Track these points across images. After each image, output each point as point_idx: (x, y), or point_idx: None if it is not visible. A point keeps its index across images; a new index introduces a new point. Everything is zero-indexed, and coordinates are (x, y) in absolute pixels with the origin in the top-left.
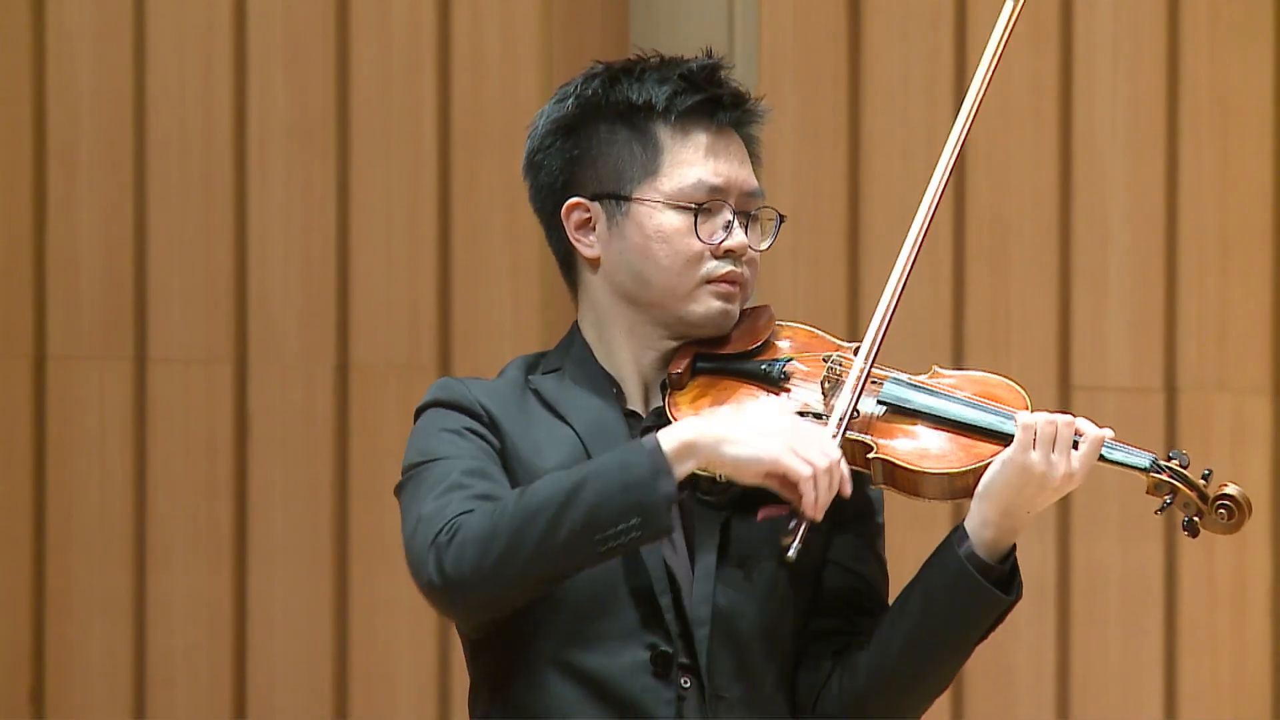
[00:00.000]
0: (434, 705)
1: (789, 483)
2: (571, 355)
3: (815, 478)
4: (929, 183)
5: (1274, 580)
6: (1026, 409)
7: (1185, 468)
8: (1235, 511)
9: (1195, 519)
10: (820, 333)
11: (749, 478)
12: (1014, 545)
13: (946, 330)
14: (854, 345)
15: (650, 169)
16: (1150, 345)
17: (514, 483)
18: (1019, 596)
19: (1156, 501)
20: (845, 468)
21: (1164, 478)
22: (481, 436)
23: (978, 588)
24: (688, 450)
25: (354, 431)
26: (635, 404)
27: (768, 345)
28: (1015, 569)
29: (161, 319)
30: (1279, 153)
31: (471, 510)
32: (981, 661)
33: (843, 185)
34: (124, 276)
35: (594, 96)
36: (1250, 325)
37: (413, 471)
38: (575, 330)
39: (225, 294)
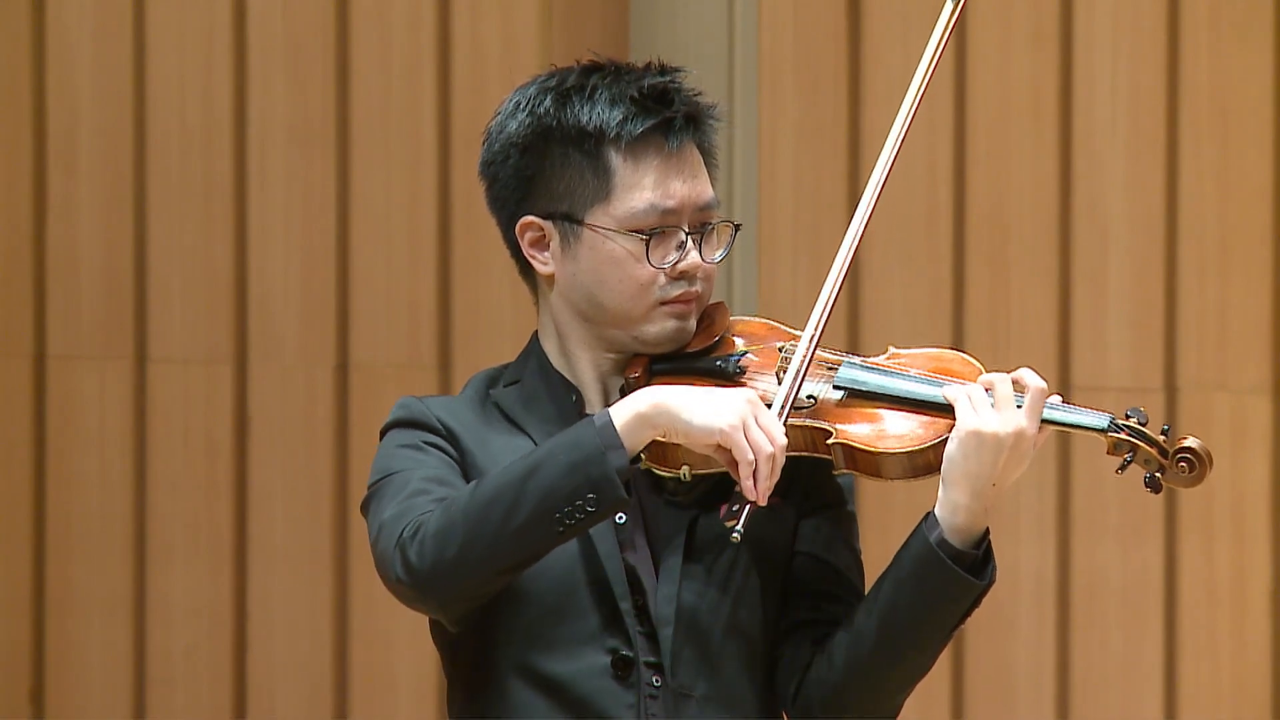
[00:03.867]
0: (434, 705)
1: (734, 461)
2: (530, 366)
3: (757, 463)
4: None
5: (1274, 580)
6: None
7: (1144, 425)
8: (1196, 464)
9: (1157, 474)
10: (776, 324)
11: (700, 447)
12: (987, 530)
13: (946, 330)
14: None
15: (602, 194)
16: (1150, 345)
17: None
18: (992, 581)
19: (1118, 462)
20: (784, 455)
21: (1123, 436)
22: (441, 449)
23: (949, 574)
24: (642, 421)
25: (354, 431)
26: (595, 410)
27: (723, 341)
28: (989, 553)
29: (161, 319)
30: (1279, 153)
31: (432, 510)
32: (981, 661)
33: (843, 185)
34: (124, 276)
35: (546, 116)
36: (1250, 325)
37: (375, 487)
38: (534, 340)
39: (225, 294)
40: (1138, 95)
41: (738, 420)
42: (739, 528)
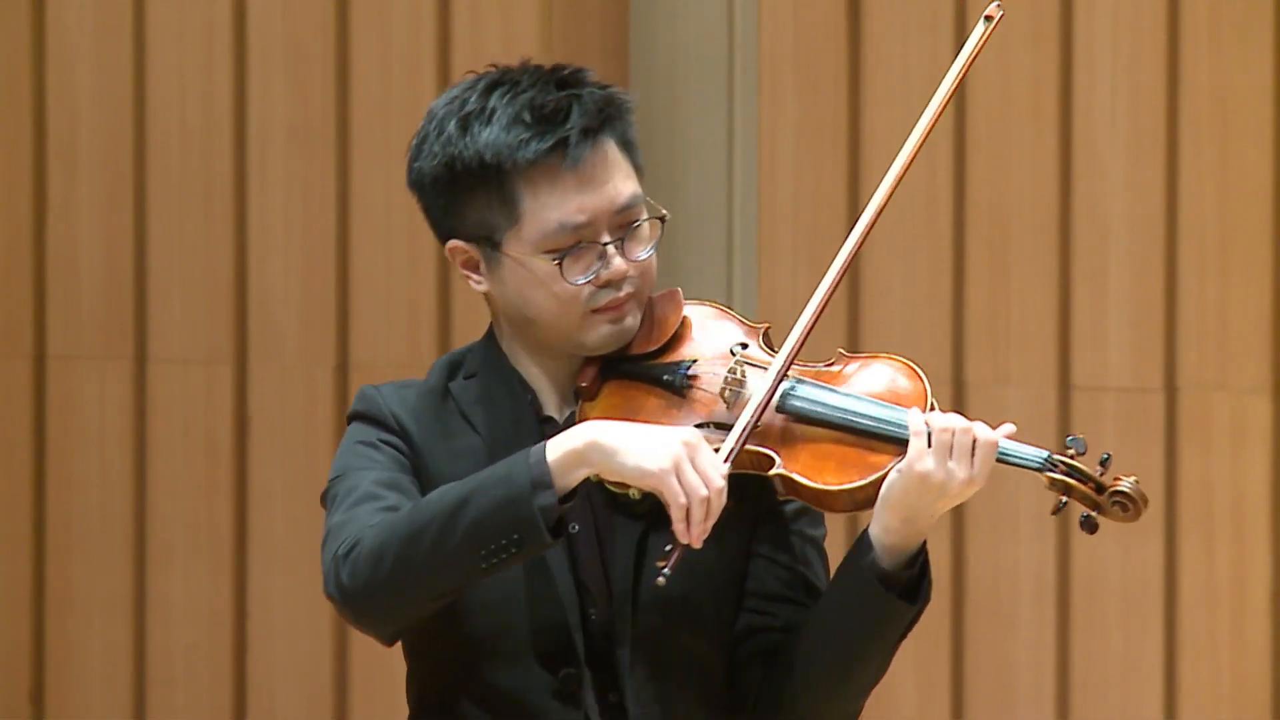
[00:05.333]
0: None
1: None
2: (487, 360)
3: (690, 508)
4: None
5: (1274, 580)
6: (925, 403)
7: (1082, 454)
8: (1131, 506)
9: (1093, 515)
10: (729, 313)
11: (640, 486)
12: (923, 545)
13: (947, 330)
14: (762, 327)
15: (511, 221)
16: (1150, 345)
17: (424, 494)
18: (926, 602)
19: (1054, 499)
20: (724, 499)
21: (1058, 475)
22: (394, 448)
23: (882, 599)
24: (576, 459)
25: None
26: (551, 410)
27: (675, 340)
28: (924, 571)
29: (161, 319)
30: (1279, 153)
31: (374, 524)
32: (981, 661)
33: (843, 185)
34: (124, 276)
35: (450, 146)
36: (1250, 325)
37: (331, 484)
38: (490, 335)
39: (225, 294)
40: (1138, 95)
41: (669, 464)
42: (666, 570)
